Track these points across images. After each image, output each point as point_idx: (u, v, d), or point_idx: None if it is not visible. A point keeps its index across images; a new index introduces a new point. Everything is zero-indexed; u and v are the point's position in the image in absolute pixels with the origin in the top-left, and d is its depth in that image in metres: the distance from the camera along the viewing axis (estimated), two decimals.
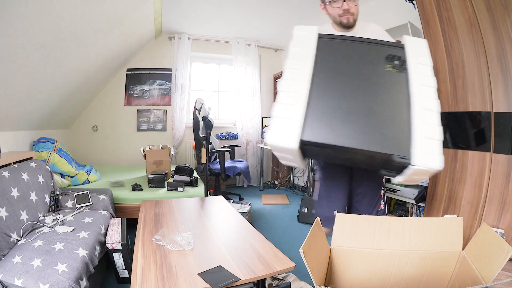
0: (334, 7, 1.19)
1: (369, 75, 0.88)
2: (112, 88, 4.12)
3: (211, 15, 3.59)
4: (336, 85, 0.88)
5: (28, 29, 1.70)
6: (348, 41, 0.94)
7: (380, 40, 0.98)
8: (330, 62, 0.89)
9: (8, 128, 2.32)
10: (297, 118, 0.82)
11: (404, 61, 0.88)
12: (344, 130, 0.82)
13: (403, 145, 0.82)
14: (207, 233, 1.50)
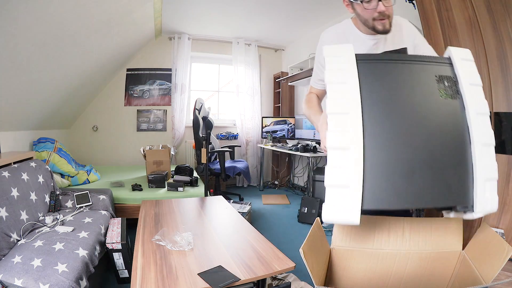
0: (366, 8, 0.94)
1: (423, 107, 0.73)
2: (112, 88, 4.12)
3: (211, 15, 3.59)
4: (391, 128, 0.72)
5: (28, 29, 1.70)
6: (392, 62, 0.77)
7: (427, 56, 0.81)
8: (378, 96, 0.73)
9: (8, 128, 2.32)
10: (356, 186, 0.67)
11: (455, 82, 0.76)
12: (409, 190, 0.69)
13: (466, 194, 0.73)
14: (207, 233, 1.50)
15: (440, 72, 0.77)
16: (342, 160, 0.68)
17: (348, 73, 0.72)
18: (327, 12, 3.42)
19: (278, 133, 4.39)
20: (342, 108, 0.70)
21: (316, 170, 3.51)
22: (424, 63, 0.78)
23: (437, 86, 0.75)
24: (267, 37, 4.46)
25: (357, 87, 0.71)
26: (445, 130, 0.73)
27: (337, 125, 0.69)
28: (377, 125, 0.70)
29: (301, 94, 4.59)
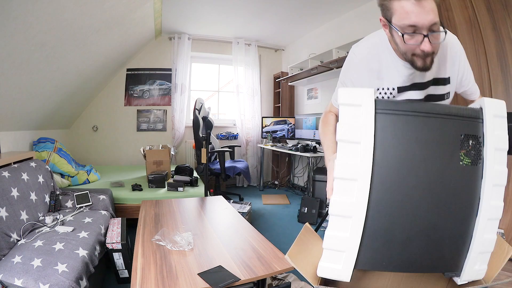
0: (406, 42, 0.78)
1: (439, 173, 0.68)
2: (112, 88, 4.12)
3: (211, 15, 3.59)
4: (399, 197, 0.68)
5: (28, 29, 1.70)
6: (416, 115, 0.67)
7: (457, 109, 0.69)
8: (393, 157, 0.67)
9: (8, 128, 2.32)
10: (351, 251, 0.68)
11: (481, 144, 0.68)
12: (404, 257, 0.69)
13: (457, 264, 0.72)
14: (207, 233, 1.50)
15: (467, 131, 0.68)
16: (342, 226, 0.67)
17: (363, 131, 0.65)
18: (327, 12, 3.42)
19: (278, 133, 4.39)
20: (351, 174, 0.66)
21: (316, 170, 3.51)
22: (453, 118, 0.69)
23: (460, 146, 0.68)
24: (267, 37, 4.46)
25: (371, 149, 0.65)
26: (455, 200, 0.68)
27: (343, 192, 0.66)
28: (384, 193, 0.66)
29: (301, 94, 4.59)
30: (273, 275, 1.33)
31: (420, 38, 0.76)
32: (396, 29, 0.79)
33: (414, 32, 0.76)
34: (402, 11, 0.75)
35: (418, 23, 0.74)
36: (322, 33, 3.91)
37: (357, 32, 2.99)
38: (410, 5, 0.73)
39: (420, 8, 0.72)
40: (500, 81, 1.51)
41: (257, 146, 4.62)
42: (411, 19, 0.74)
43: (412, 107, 0.68)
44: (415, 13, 0.73)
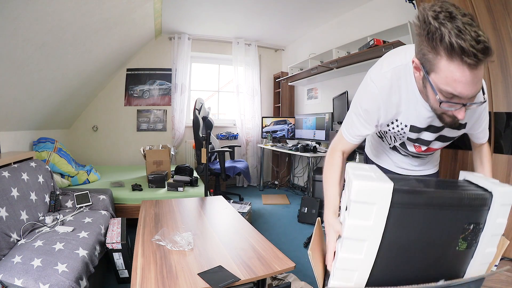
0: (442, 107, 0.70)
1: (435, 260, 0.69)
2: (112, 88, 4.12)
3: (211, 15, 3.59)
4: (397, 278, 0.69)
5: (28, 29, 1.70)
6: (430, 209, 0.65)
7: (471, 199, 0.68)
8: (395, 248, 0.66)
9: (8, 128, 2.32)
10: None
11: (480, 230, 0.68)
12: None
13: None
14: (207, 233, 1.50)
15: (472, 219, 0.68)
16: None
17: (373, 230, 0.62)
18: (327, 12, 3.42)
19: (278, 133, 4.39)
20: (353, 266, 0.65)
21: (316, 170, 3.51)
22: (463, 208, 0.67)
23: (461, 233, 0.67)
24: (267, 37, 4.46)
25: (378, 244, 0.63)
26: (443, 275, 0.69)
27: (341, 278, 0.67)
28: (385, 273, 0.67)
29: (301, 94, 4.59)
30: (273, 275, 1.33)
31: (457, 106, 0.68)
32: (432, 88, 0.68)
33: (453, 100, 0.67)
34: (449, 76, 0.62)
35: (462, 94, 0.64)
36: (322, 33, 3.91)
37: (357, 32, 2.99)
38: (461, 73, 0.60)
39: (471, 79, 0.61)
40: (500, 81, 1.51)
41: (257, 146, 4.62)
42: (456, 89, 0.63)
43: (429, 200, 0.65)
44: (463, 83, 0.62)
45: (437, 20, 0.59)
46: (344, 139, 0.95)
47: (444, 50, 0.60)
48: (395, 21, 2.45)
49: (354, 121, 0.91)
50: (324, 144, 3.67)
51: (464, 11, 0.60)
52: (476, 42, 0.57)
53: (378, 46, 2.43)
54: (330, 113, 3.47)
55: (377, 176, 0.65)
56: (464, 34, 0.57)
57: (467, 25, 0.57)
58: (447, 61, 0.61)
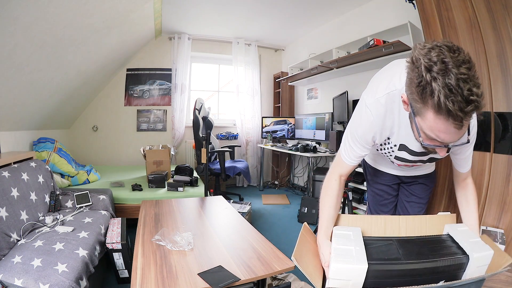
0: (424, 143, 0.71)
1: None
2: (112, 88, 4.12)
3: (211, 15, 3.59)
4: None
5: (28, 29, 1.70)
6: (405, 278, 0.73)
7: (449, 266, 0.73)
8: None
9: (8, 128, 2.32)
10: None
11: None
12: None
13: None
14: (207, 233, 1.50)
15: (446, 279, 0.74)
16: None
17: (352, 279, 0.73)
18: (327, 12, 3.42)
19: (278, 133, 4.39)
20: None
21: (316, 170, 3.51)
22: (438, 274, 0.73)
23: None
24: (267, 37, 4.46)
25: None
26: None
27: None
28: None
29: (301, 94, 4.59)
30: (273, 275, 1.33)
31: (440, 146, 0.69)
32: (417, 128, 0.68)
33: (435, 141, 0.67)
34: (434, 126, 0.63)
35: (446, 141, 0.65)
36: (322, 33, 3.91)
37: (357, 32, 2.99)
38: (446, 127, 0.61)
39: (455, 131, 0.61)
40: (500, 81, 1.51)
41: (257, 146, 4.62)
42: (439, 137, 0.64)
43: (402, 272, 0.73)
44: (447, 134, 0.62)
45: (430, 73, 0.57)
46: (343, 162, 0.98)
47: (432, 106, 0.59)
48: (395, 21, 2.45)
49: (352, 145, 0.94)
50: (324, 144, 3.67)
51: (461, 56, 0.58)
52: (466, 103, 0.56)
53: (378, 46, 2.43)
54: (330, 113, 3.47)
55: (356, 253, 0.75)
56: (455, 95, 0.55)
57: (461, 81, 0.55)
58: (433, 114, 0.60)
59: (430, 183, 1.28)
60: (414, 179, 1.26)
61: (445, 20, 1.70)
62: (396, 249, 0.82)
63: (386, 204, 1.34)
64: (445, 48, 0.58)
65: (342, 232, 0.88)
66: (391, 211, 1.35)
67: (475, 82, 0.56)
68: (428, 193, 1.30)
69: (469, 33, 1.60)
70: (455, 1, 1.63)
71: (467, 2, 1.57)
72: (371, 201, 1.39)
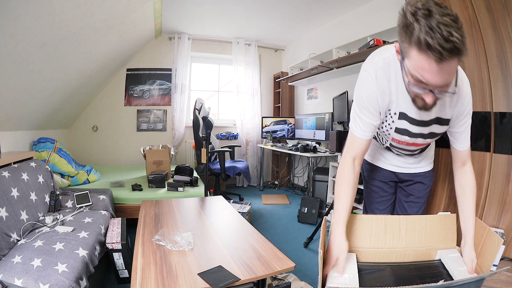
0: (412, 89, 0.77)
1: None
2: (112, 88, 4.12)
3: (211, 15, 3.59)
4: None
5: (28, 29, 1.70)
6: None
7: None
8: None
9: (8, 128, 2.32)
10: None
11: None
12: None
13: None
14: (207, 233, 1.50)
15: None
16: None
17: None
18: (327, 12, 3.42)
19: (278, 133, 4.39)
20: None
21: (316, 170, 3.51)
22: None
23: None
24: (267, 37, 4.46)
25: None
26: None
27: None
28: None
29: (301, 94, 4.59)
30: (273, 275, 1.33)
31: (425, 90, 0.73)
32: (405, 71, 0.74)
33: (421, 84, 0.72)
34: (418, 64, 0.68)
35: (429, 81, 0.69)
36: (322, 33, 3.91)
37: (357, 32, 2.99)
38: (428, 64, 0.65)
39: (437, 70, 0.65)
40: (500, 81, 1.51)
41: (257, 146, 4.62)
42: (423, 76, 0.69)
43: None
44: (429, 72, 0.67)
45: (414, 16, 0.63)
46: (355, 138, 0.96)
47: (414, 43, 0.65)
48: (395, 21, 2.44)
49: (360, 115, 0.94)
50: (324, 144, 3.67)
51: (449, 11, 0.63)
52: (445, 41, 0.60)
53: (378, 46, 2.43)
54: (330, 113, 3.47)
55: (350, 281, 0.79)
56: (434, 32, 0.61)
57: (442, 24, 0.60)
58: (416, 52, 0.66)
59: (428, 181, 1.28)
60: (411, 177, 1.26)
61: None
62: (388, 276, 0.88)
63: (381, 202, 1.32)
64: (431, 1, 0.64)
65: None
66: (386, 209, 1.33)
67: (457, 30, 0.61)
68: (426, 193, 1.30)
69: (469, 33, 1.60)
70: (455, 1, 1.63)
71: (467, 2, 1.57)
72: (366, 199, 1.38)
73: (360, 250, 0.97)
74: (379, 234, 0.97)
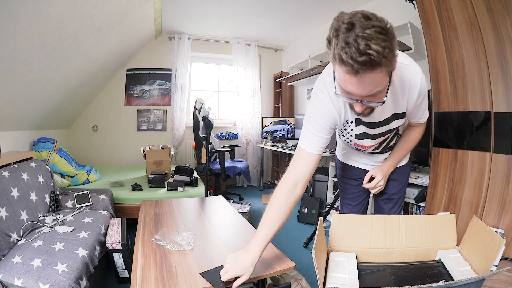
0: (341, 97, 0.81)
1: None
2: (112, 88, 4.12)
3: (211, 15, 3.59)
4: None
5: (28, 29, 1.70)
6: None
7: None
8: None
9: (8, 128, 2.32)
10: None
11: None
12: None
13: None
14: (207, 233, 1.50)
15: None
16: None
17: None
18: (327, 12, 3.42)
19: (278, 133, 4.39)
20: None
21: (316, 170, 3.50)
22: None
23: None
24: (267, 37, 4.46)
25: None
26: None
27: None
28: None
29: (301, 94, 4.59)
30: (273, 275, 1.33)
31: (353, 100, 0.76)
32: (335, 82, 0.78)
33: (348, 95, 0.75)
34: (341, 76, 0.71)
35: (352, 92, 0.72)
36: (322, 33, 3.90)
37: None
38: (348, 76, 0.68)
39: (357, 82, 0.68)
40: (500, 81, 1.51)
41: (257, 146, 4.62)
42: (347, 87, 0.72)
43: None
44: (351, 84, 0.70)
45: (336, 32, 0.64)
46: (303, 152, 0.99)
47: (333, 57, 0.68)
48: (395, 21, 2.44)
49: (311, 130, 0.97)
50: None
51: (376, 23, 0.63)
52: (359, 54, 0.61)
53: None
54: None
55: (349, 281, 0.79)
56: (350, 46, 0.61)
57: (361, 38, 0.60)
58: (338, 66, 0.69)
59: (401, 177, 1.28)
60: None
61: (445, 20, 1.70)
62: (388, 277, 0.88)
63: (353, 198, 1.35)
64: (359, 15, 0.64)
65: (337, 259, 0.92)
66: (358, 206, 1.36)
67: (379, 42, 0.61)
68: (400, 189, 1.29)
69: (469, 33, 1.60)
70: (455, 1, 1.63)
71: (467, 2, 1.57)
72: (341, 195, 1.43)
73: (360, 250, 0.97)
74: (379, 234, 0.97)
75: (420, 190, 2.22)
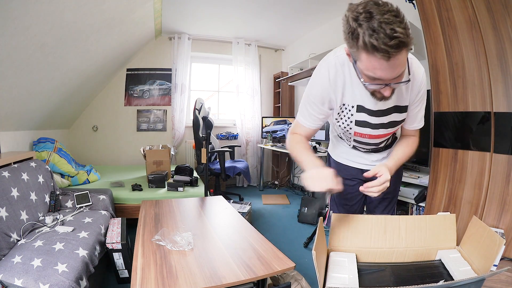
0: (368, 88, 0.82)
1: None
2: (112, 88, 4.12)
3: (211, 15, 3.59)
4: None
5: (28, 29, 1.70)
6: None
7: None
8: None
9: (8, 128, 2.32)
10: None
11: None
12: None
13: None
14: (207, 233, 1.50)
15: None
16: None
17: None
18: (327, 12, 3.42)
19: (278, 133, 4.39)
20: None
21: None
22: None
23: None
24: (267, 37, 4.46)
25: None
26: None
27: None
28: None
29: (301, 94, 4.58)
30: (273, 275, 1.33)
31: (382, 86, 0.77)
32: (359, 74, 0.79)
33: (376, 81, 0.76)
34: (369, 65, 0.72)
35: (382, 77, 0.74)
36: (322, 33, 3.91)
37: None
38: (378, 63, 0.69)
39: (388, 66, 0.70)
40: (500, 81, 1.51)
41: (257, 146, 4.62)
42: (376, 74, 0.73)
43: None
44: (381, 70, 0.71)
45: (356, 22, 0.66)
46: (299, 124, 1.07)
47: (361, 47, 0.68)
48: None
49: (307, 107, 1.02)
50: (324, 144, 3.67)
51: (389, 7, 0.66)
52: (389, 39, 0.64)
53: None
54: None
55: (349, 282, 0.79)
56: (378, 33, 0.64)
57: (384, 23, 0.64)
58: (365, 54, 0.70)
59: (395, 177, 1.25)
60: None
61: (445, 20, 1.70)
62: (388, 277, 0.88)
63: (350, 198, 1.35)
64: (371, 2, 0.67)
65: (337, 259, 0.92)
66: (355, 205, 1.35)
67: (400, 24, 0.64)
68: (394, 188, 1.28)
69: (469, 33, 1.60)
70: (455, 1, 1.63)
71: (467, 2, 1.57)
72: (337, 195, 1.41)
73: (360, 250, 0.97)
74: (379, 234, 0.97)
75: (420, 190, 2.22)
